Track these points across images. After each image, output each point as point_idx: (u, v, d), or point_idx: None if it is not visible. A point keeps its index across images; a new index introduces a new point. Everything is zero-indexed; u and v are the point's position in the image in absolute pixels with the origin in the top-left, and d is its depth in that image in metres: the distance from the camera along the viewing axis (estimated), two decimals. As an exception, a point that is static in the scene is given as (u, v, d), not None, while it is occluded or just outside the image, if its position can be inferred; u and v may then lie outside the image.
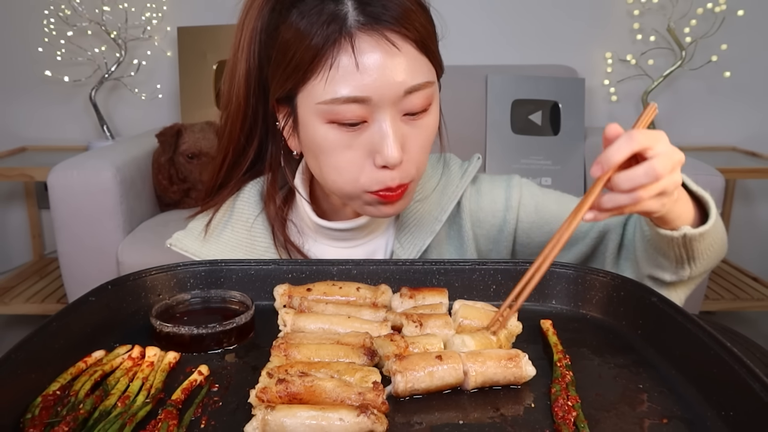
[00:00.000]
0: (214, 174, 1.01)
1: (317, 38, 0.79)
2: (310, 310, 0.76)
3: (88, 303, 0.75)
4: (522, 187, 1.03)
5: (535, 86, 2.59)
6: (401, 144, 0.83)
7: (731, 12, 2.62)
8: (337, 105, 0.81)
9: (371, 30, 0.79)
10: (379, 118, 0.82)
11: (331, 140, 0.84)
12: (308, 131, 0.86)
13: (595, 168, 0.70)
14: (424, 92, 0.83)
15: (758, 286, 2.55)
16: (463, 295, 0.82)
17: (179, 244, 0.98)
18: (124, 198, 2.11)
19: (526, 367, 0.64)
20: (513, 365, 0.63)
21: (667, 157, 0.69)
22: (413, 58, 0.81)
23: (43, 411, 0.58)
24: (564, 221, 0.71)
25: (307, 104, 0.84)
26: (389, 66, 0.79)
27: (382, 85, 0.79)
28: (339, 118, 0.82)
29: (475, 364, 0.63)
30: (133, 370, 0.66)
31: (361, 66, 0.79)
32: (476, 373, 0.62)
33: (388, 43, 0.79)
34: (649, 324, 0.74)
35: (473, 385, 0.63)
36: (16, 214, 3.00)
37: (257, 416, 0.55)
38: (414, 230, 0.99)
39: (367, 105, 0.81)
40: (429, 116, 0.86)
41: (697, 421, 0.58)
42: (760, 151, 2.68)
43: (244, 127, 0.95)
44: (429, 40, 0.84)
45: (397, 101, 0.81)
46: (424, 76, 0.83)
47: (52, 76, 2.77)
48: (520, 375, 0.63)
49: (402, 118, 0.84)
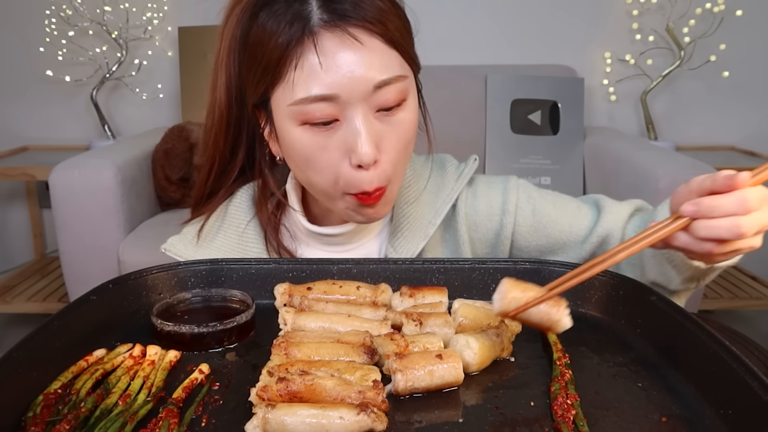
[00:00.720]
0: (201, 184, 1.00)
1: (282, 38, 0.79)
2: (311, 308, 0.76)
3: (89, 302, 0.75)
4: (519, 189, 1.01)
5: (535, 86, 2.60)
6: (375, 142, 0.82)
7: (730, 12, 2.62)
8: (306, 105, 0.80)
9: (334, 27, 0.79)
10: (350, 116, 0.81)
11: (306, 142, 0.83)
12: (284, 135, 0.85)
13: (689, 209, 0.67)
14: (396, 86, 0.82)
15: (757, 285, 2.56)
16: (463, 294, 0.82)
17: (173, 248, 0.97)
18: (125, 197, 2.11)
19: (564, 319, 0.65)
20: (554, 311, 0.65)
21: (760, 220, 0.66)
22: (380, 52, 0.80)
23: (45, 409, 0.58)
24: (631, 240, 0.69)
25: (279, 107, 0.83)
26: (354, 62, 0.79)
27: (348, 82, 0.79)
28: (310, 118, 0.81)
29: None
30: (134, 369, 0.66)
31: (324, 64, 0.78)
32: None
33: (351, 39, 0.79)
34: (648, 323, 0.74)
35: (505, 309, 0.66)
36: (18, 214, 3.01)
37: (258, 414, 0.56)
38: (407, 234, 0.98)
39: (337, 103, 0.80)
40: (404, 112, 0.85)
41: (696, 420, 0.59)
42: (758, 150, 2.69)
43: (228, 136, 0.94)
44: (398, 34, 0.83)
45: (367, 97, 0.80)
46: (394, 70, 0.82)
47: (53, 75, 2.78)
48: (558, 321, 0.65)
49: (375, 115, 0.82)
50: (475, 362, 0.66)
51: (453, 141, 1.03)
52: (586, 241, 0.98)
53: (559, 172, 2.56)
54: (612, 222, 0.96)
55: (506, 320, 0.72)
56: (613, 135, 2.57)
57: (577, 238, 0.99)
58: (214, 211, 1.01)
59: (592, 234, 0.97)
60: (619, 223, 0.96)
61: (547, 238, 1.00)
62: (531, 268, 0.85)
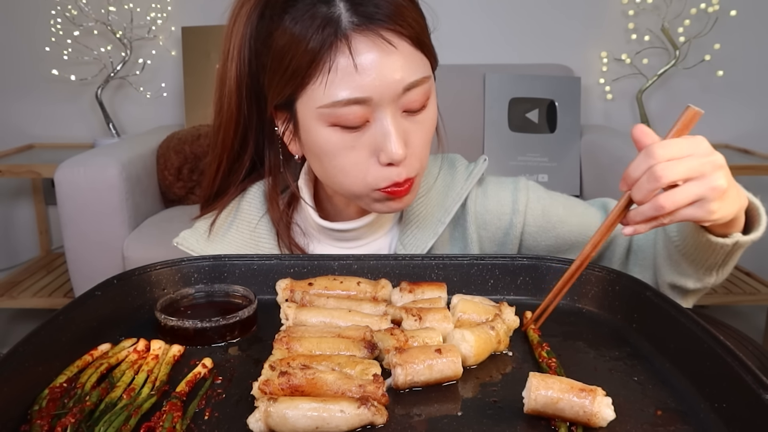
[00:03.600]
0: (209, 182, 1.00)
1: (313, 42, 0.79)
2: (312, 304, 0.77)
3: (94, 297, 0.76)
4: (529, 190, 1.01)
5: (532, 85, 2.61)
6: (404, 140, 0.83)
7: (724, 12, 2.64)
8: (339, 108, 0.80)
9: (366, 30, 0.79)
10: (380, 117, 0.82)
11: (334, 143, 0.84)
12: (310, 135, 0.85)
13: (621, 184, 0.69)
14: (422, 88, 0.83)
15: (751, 281, 2.57)
16: (462, 289, 0.83)
17: (185, 242, 0.98)
18: (130, 194, 2.12)
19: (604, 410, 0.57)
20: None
21: (686, 162, 0.67)
22: (409, 54, 0.81)
23: (51, 403, 0.59)
24: (596, 232, 0.73)
25: (307, 109, 0.84)
26: (387, 64, 0.79)
27: (381, 84, 0.79)
28: (341, 121, 0.82)
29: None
30: (138, 363, 0.67)
31: (359, 67, 0.79)
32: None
33: (384, 42, 0.79)
34: (644, 318, 0.75)
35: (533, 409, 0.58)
36: (24, 210, 3.02)
37: (260, 408, 0.56)
38: (416, 232, 0.98)
39: (368, 105, 0.81)
40: (428, 111, 0.86)
41: (691, 413, 0.59)
42: (752, 148, 2.70)
43: (237, 135, 0.94)
44: (423, 34, 0.84)
45: (396, 98, 0.81)
46: (421, 72, 0.83)
47: (59, 75, 2.79)
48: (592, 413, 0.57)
49: (402, 114, 0.84)
50: (471, 355, 0.66)
51: (452, 138, 1.03)
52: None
53: (556, 169, 2.58)
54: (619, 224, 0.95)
55: (503, 316, 0.73)
56: (609, 133, 2.59)
57: (585, 239, 0.98)
58: (226, 206, 1.01)
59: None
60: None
61: (556, 239, 1.00)
62: (528, 264, 0.85)
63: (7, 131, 2.92)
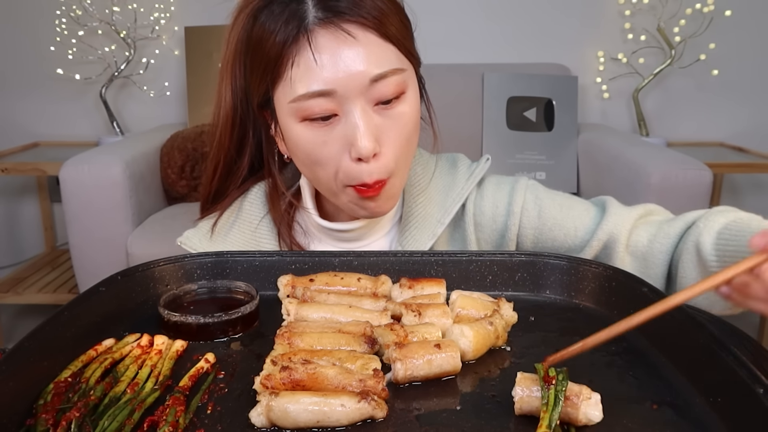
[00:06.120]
0: (207, 183, 1.01)
1: (279, 36, 0.81)
2: (313, 299, 0.77)
3: (98, 293, 0.76)
4: (527, 190, 0.99)
5: (530, 84, 2.64)
6: (375, 135, 0.82)
7: (719, 12, 2.66)
8: (305, 101, 0.81)
9: (328, 24, 0.80)
10: (348, 110, 0.82)
11: (307, 138, 0.84)
12: (287, 132, 0.86)
13: (757, 239, 0.62)
14: (393, 79, 0.82)
15: (746, 277, 2.57)
16: (461, 285, 0.83)
17: (189, 242, 0.98)
18: (134, 192, 2.13)
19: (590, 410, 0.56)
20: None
21: None
22: (375, 46, 0.81)
23: (55, 397, 0.59)
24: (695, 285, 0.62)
25: (281, 106, 0.85)
26: (348, 56, 0.80)
27: (344, 77, 0.80)
28: (309, 114, 0.82)
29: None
30: (141, 358, 0.67)
31: (319, 61, 0.80)
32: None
33: (344, 34, 0.80)
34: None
35: None
36: (29, 208, 3.04)
37: (261, 402, 0.57)
38: (415, 232, 0.98)
39: (334, 98, 0.81)
40: (403, 104, 0.85)
41: (686, 407, 0.60)
42: (746, 146, 2.71)
43: (233, 136, 0.95)
44: (394, 28, 0.83)
45: (364, 91, 0.81)
46: (390, 64, 0.82)
47: (63, 74, 2.80)
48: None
49: (374, 109, 0.83)
50: (470, 350, 0.67)
51: (451, 137, 1.03)
52: (587, 245, 0.95)
53: (554, 167, 2.60)
54: (614, 225, 0.93)
55: (501, 312, 0.73)
56: (606, 131, 2.60)
57: (581, 242, 0.96)
58: (228, 206, 1.01)
59: (593, 238, 0.94)
60: (623, 227, 0.93)
61: (553, 242, 0.98)
62: (526, 260, 0.85)
63: (13, 129, 2.94)
